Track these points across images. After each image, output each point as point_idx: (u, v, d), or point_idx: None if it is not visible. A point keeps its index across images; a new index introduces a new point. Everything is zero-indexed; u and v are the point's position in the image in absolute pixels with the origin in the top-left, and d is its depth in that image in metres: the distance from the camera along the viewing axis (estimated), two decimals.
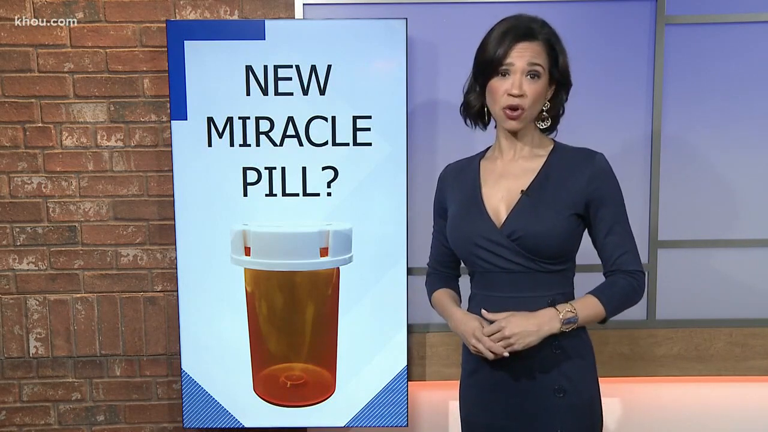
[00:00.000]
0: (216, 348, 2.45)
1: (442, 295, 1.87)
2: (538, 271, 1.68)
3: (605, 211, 1.69)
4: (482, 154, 1.85)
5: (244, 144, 2.37)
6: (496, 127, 1.80)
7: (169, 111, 2.44)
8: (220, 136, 2.36)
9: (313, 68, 2.34)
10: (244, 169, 2.38)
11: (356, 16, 2.47)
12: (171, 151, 2.39)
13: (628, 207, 2.56)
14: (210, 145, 2.36)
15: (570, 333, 1.68)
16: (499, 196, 1.72)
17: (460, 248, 1.76)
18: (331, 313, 2.42)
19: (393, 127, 2.36)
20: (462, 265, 1.89)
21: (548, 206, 1.67)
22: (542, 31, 1.68)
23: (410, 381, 2.54)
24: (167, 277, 2.60)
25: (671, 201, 2.58)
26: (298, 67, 2.33)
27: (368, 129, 2.37)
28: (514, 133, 1.73)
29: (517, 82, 1.64)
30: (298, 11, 2.49)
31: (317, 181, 2.39)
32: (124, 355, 2.64)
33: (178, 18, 2.49)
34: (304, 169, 2.38)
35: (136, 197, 2.57)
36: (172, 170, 2.38)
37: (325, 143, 2.37)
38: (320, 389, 2.45)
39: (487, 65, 1.67)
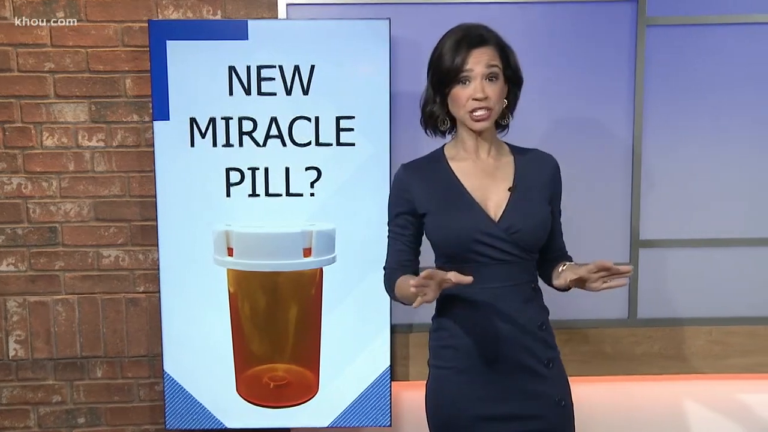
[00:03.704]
0: (198, 349, 2.44)
1: (405, 277, 1.85)
2: (527, 260, 1.80)
3: (555, 205, 1.88)
4: (442, 156, 1.88)
5: (227, 144, 2.36)
6: (452, 132, 1.89)
7: (151, 111, 2.43)
8: (203, 136, 2.35)
9: (297, 68, 2.34)
10: (227, 170, 2.37)
11: (339, 17, 2.47)
12: (153, 151, 2.37)
13: (610, 207, 2.61)
14: (192, 145, 2.36)
15: (550, 345, 1.83)
16: (488, 193, 1.80)
17: (455, 244, 1.78)
18: (314, 313, 2.42)
19: (376, 128, 2.37)
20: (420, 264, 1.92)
21: (534, 202, 1.80)
22: (491, 36, 1.77)
23: (393, 381, 2.54)
24: (149, 278, 2.59)
25: (652, 201, 2.60)
26: (281, 67, 2.33)
27: (351, 129, 2.37)
28: (478, 134, 1.82)
29: (479, 86, 1.73)
30: (282, 11, 2.48)
31: (300, 181, 2.38)
32: (106, 356, 2.62)
33: (160, 18, 2.48)
34: (287, 169, 2.38)
35: (117, 198, 2.55)
36: (154, 171, 2.37)
37: (309, 143, 2.37)
38: (303, 390, 2.45)
39: (446, 75, 1.76)
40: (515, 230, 1.75)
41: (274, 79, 2.34)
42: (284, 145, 2.37)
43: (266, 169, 2.38)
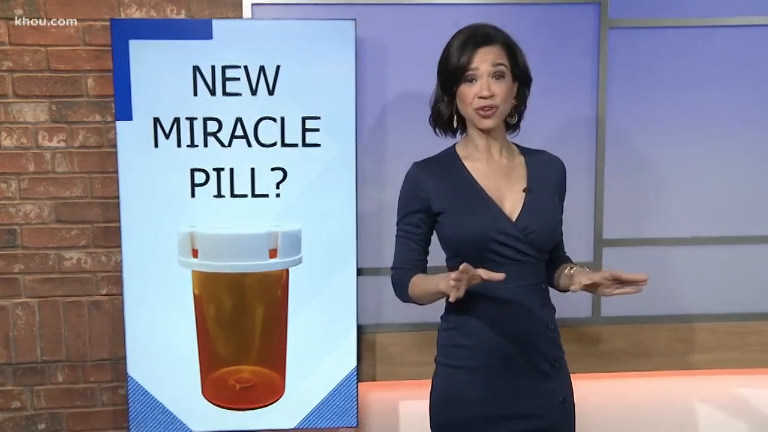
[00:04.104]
0: (163, 352, 2.40)
1: (421, 276, 1.85)
2: (540, 260, 1.85)
3: (561, 206, 1.95)
4: (455, 155, 1.89)
5: (192, 145, 2.34)
6: (462, 132, 1.91)
7: (113, 111, 2.39)
8: (167, 136, 2.32)
9: (262, 69, 2.32)
10: (192, 171, 2.35)
11: (305, 17, 2.46)
12: (116, 151, 2.34)
13: (574, 206, 2.64)
14: (156, 146, 2.33)
15: (557, 344, 1.91)
16: (503, 193, 1.83)
17: (472, 243, 1.79)
18: (280, 314, 2.41)
19: (342, 128, 2.36)
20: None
21: (548, 203, 1.86)
22: (498, 35, 1.81)
23: (360, 381, 2.53)
24: (112, 281, 2.55)
25: (616, 200, 2.64)
26: (246, 67, 2.31)
27: (317, 130, 2.36)
28: (488, 133, 1.84)
29: (485, 84, 1.76)
30: (246, 11, 2.46)
31: (266, 182, 2.37)
32: (67, 360, 2.57)
33: (122, 16, 2.44)
34: (252, 170, 2.36)
35: (79, 199, 2.51)
36: (117, 171, 2.34)
37: (274, 144, 2.36)
38: (270, 391, 2.43)
39: (453, 74, 1.79)
40: (531, 231, 1.79)
41: (239, 79, 2.32)
42: (249, 145, 2.35)
43: (231, 170, 2.36)
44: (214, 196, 2.36)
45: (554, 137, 2.59)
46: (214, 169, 2.35)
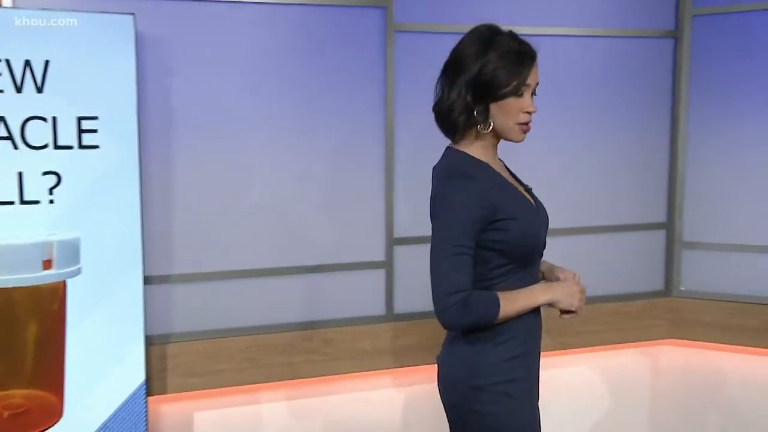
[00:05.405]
0: None
1: (503, 293, 1.73)
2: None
3: None
4: (479, 161, 1.80)
5: None
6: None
7: None
8: None
9: (28, 63, 2.13)
10: None
11: (78, 9, 2.27)
12: None
13: (367, 206, 2.67)
14: None
15: None
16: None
17: (532, 247, 1.81)
18: (56, 330, 2.23)
19: (123, 129, 2.24)
20: None
21: None
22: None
23: (150, 396, 2.41)
24: None
25: (405, 200, 2.70)
26: (8, 61, 2.11)
27: (95, 130, 2.22)
28: (497, 144, 1.85)
29: (530, 100, 1.77)
30: None
31: (37, 187, 2.18)
32: None
33: None
34: (20, 174, 2.16)
35: None
36: None
37: (45, 146, 2.18)
38: (45, 415, 2.23)
39: (507, 85, 1.72)
40: (545, 234, 1.88)
41: (0, 74, 2.11)
42: (16, 147, 2.15)
43: None
44: None
45: (345, 139, 2.61)
46: None
